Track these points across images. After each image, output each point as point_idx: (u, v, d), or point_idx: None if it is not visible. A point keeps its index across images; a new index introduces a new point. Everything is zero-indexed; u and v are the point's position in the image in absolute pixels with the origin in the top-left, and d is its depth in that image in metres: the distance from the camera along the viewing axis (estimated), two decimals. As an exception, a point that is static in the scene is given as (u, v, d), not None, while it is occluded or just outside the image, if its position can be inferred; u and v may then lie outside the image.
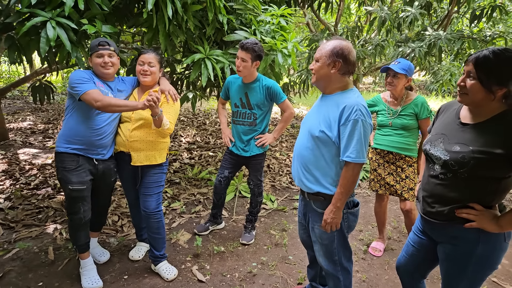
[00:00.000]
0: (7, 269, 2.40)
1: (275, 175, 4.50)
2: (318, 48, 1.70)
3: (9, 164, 4.53)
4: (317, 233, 1.79)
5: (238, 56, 2.48)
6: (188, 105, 9.35)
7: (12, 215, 3.13)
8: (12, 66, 17.38)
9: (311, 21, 7.39)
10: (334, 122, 1.61)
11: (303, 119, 1.85)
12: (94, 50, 2.07)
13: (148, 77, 2.19)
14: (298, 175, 1.78)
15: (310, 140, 1.70)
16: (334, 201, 1.65)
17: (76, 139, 2.08)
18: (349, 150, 1.57)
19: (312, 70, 1.72)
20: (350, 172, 1.60)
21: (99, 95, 1.95)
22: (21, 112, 8.40)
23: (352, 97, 1.62)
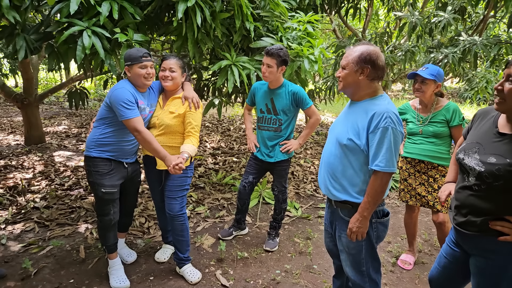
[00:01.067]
0: (41, 265, 2.52)
1: (300, 182, 4.46)
2: (345, 55, 1.65)
3: (45, 165, 4.77)
4: (344, 242, 1.73)
5: (264, 62, 2.50)
6: (213, 111, 9.49)
7: (47, 214, 3.29)
8: (50, 73, 18.40)
9: (338, 27, 7.33)
10: (363, 129, 1.56)
11: (331, 126, 1.80)
12: (137, 61, 2.08)
13: (169, 82, 2.23)
14: (325, 183, 1.74)
15: (338, 148, 1.66)
16: (360, 210, 1.60)
17: (109, 147, 2.17)
18: (378, 159, 1.52)
19: (339, 78, 1.67)
20: (378, 181, 1.55)
21: (141, 126, 2.03)
22: (57, 116, 8.85)
23: (382, 104, 1.57)
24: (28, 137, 5.94)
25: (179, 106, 2.25)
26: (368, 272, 1.73)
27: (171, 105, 2.27)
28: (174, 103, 2.27)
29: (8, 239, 2.87)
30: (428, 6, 6.94)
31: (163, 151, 2.09)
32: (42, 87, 14.13)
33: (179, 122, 2.24)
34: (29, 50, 2.59)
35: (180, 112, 2.23)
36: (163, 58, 2.28)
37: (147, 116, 2.22)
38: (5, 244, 2.80)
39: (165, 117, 2.23)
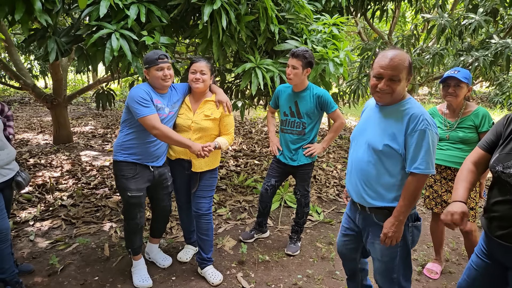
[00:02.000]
0: (68, 262, 2.59)
1: (322, 186, 4.39)
2: (389, 65, 1.49)
3: (72, 164, 4.93)
4: (378, 249, 1.67)
5: (289, 64, 2.47)
6: (235, 113, 9.54)
7: (73, 212, 3.38)
8: (77, 75, 19.08)
9: (363, 29, 7.21)
10: (400, 133, 1.53)
11: (357, 131, 1.75)
12: (153, 64, 2.09)
13: (201, 84, 2.24)
14: (358, 191, 1.68)
15: (372, 154, 1.61)
16: (396, 214, 1.55)
17: (134, 150, 2.19)
18: (418, 162, 1.50)
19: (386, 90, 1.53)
20: (415, 184, 1.52)
21: (158, 123, 2.04)
22: (83, 117, 9.15)
23: (414, 106, 1.54)
24: (57, 136, 6.16)
25: (214, 110, 2.28)
26: (399, 279, 1.69)
27: (204, 108, 2.28)
28: (208, 106, 2.29)
29: (36, 235, 2.97)
30: (458, 8, 6.72)
31: (186, 140, 2.12)
32: (71, 88, 14.67)
33: (215, 125, 2.28)
34: (59, 52, 2.68)
35: (216, 116, 2.27)
36: (192, 60, 2.28)
37: (167, 117, 2.22)
38: (33, 240, 2.89)
39: (201, 121, 2.25)
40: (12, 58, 5.90)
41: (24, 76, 5.57)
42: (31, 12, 2.22)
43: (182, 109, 2.33)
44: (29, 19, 2.28)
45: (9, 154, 2.11)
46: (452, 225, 1.39)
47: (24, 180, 2.19)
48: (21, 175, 2.19)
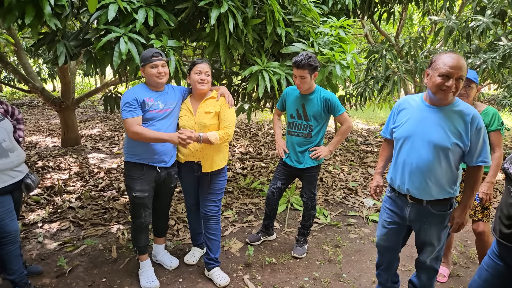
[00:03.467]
0: (76, 263, 2.61)
1: (328, 189, 4.37)
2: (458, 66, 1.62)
3: (80, 167, 4.97)
4: (435, 234, 1.85)
5: (296, 75, 2.47)
6: (242, 116, 9.56)
7: (81, 214, 3.41)
8: (85, 78, 19.29)
9: (370, 32, 7.19)
10: (464, 131, 1.68)
11: (408, 132, 1.81)
12: (148, 61, 2.14)
13: (205, 85, 2.27)
14: (423, 188, 1.79)
15: (438, 152, 1.72)
16: (465, 203, 1.77)
17: (140, 150, 2.22)
18: (483, 155, 1.70)
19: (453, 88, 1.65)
20: (478, 175, 1.74)
21: (134, 126, 2.10)
22: (91, 120, 9.24)
23: (469, 107, 1.71)
24: (65, 139, 6.23)
25: (214, 105, 2.30)
26: (441, 255, 1.95)
27: (205, 106, 2.31)
28: (208, 103, 2.32)
29: (44, 237, 3.00)
30: (465, 10, 6.67)
31: (164, 134, 2.16)
32: (78, 91, 14.82)
33: (216, 120, 2.29)
34: (68, 56, 2.71)
35: (216, 110, 2.28)
36: (194, 62, 2.31)
37: (163, 113, 2.23)
38: (41, 242, 2.92)
39: (203, 118, 2.27)
40: (21, 61, 5.99)
41: (33, 79, 5.65)
42: (40, 16, 2.25)
43: (184, 111, 2.35)
44: (38, 23, 2.31)
45: (18, 156, 2.13)
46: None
47: (33, 182, 2.21)
48: (30, 177, 2.21)
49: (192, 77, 2.28)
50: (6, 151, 2.04)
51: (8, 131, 2.11)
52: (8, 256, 2.11)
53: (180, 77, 2.79)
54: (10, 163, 2.06)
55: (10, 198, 2.11)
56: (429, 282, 2.01)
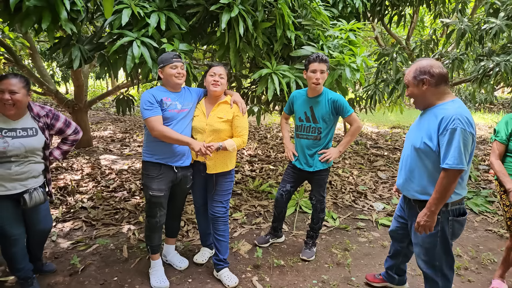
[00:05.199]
0: (88, 262, 2.66)
1: (338, 192, 4.36)
2: (405, 75, 1.89)
3: (92, 168, 5.06)
4: (420, 236, 1.89)
5: (317, 69, 2.48)
6: (251, 118, 9.59)
7: (93, 214, 3.47)
8: (97, 81, 19.61)
9: (380, 35, 7.16)
10: (434, 132, 1.73)
11: (407, 133, 2.00)
12: (168, 62, 2.21)
13: (219, 88, 2.31)
14: (406, 185, 1.93)
15: (414, 152, 1.85)
16: (428, 206, 1.76)
17: (157, 149, 2.26)
18: (448, 158, 1.67)
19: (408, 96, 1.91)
20: (446, 179, 1.69)
21: (157, 124, 2.13)
22: (103, 122, 9.38)
23: (451, 108, 1.71)
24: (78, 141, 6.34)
25: (227, 111, 2.33)
26: (441, 267, 1.87)
27: (218, 110, 2.34)
28: (221, 108, 2.34)
29: (58, 236, 3.07)
30: (478, 12, 6.59)
31: (185, 137, 2.18)
32: (90, 94, 15.07)
33: (227, 126, 2.32)
34: (83, 60, 2.77)
35: (228, 117, 2.32)
36: (211, 65, 2.36)
37: (181, 113, 2.27)
38: (55, 241, 2.99)
39: (214, 123, 2.31)
40: (36, 64, 6.14)
41: (47, 82, 5.78)
42: (56, 21, 2.31)
43: (197, 111, 2.39)
44: (54, 28, 2.38)
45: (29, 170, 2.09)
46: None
47: (31, 199, 2.09)
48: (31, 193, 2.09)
49: (207, 79, 2.33)
50: (11, 164, 2.01)
51: (26, 149, 2.05)
52: (11, 255, 2.16)
53: (190, 80, 2.84)
54: (9, 175, 2.01)
55: (9, 206, 2.07)
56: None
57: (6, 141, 1.98)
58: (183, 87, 2.42)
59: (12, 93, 1.95)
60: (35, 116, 2.15)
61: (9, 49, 5.00)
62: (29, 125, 2.10)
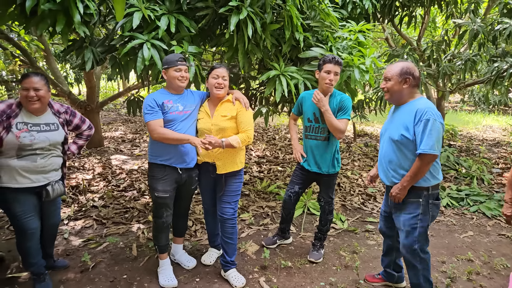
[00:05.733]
0: (98, 260, 2.72)
1: (346, 194, 4.34)
2: (387, 70, 2.09)
3: (103, 167, 5.15)
4: (401, 220, 2.11)
5: (331, 71, 2.48)
6: (259, 120, 9.60)
7: (104, 213, 3.54)
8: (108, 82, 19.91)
9: (391, 35, 7.10)
10: (410, 123, 1.97)
11: (382, 130, 2.25)
12: (173, 65, 2.23)
13: (222, 90, 2.33)
14: (387, 175, 2.15)
15: (392, 144, 2.07)
16: (402, 181, 2.02)
17: (161, 152, 2.30)
18: (422, 144, 1.90)
19: (385, 88, 2.11)
20: (420, 163, 1.93)
21: (156, 127, 2.19)
22: (114, 122, 9.52)
23: (422, 103, 1.99)
24: (89, 140, 6.46)
25: (230, 108, 2.35)
26: (419, 252, 2.08)
27: (221, 109, 2.37)
28: (224, 107, 2.37)
29: (70, 234, 3.13)
30: (492, 12, 6.48)
31: (184, 135, 2.22)
32: (102, 95, 15.31)
33: (232, 123, 2.34)
34: (95, 61, 2.83)
35: (232, 114, 2.33)
36: (213, 67, 2.37)
37: (183, 115, 2.30)
38: (67, 238, 3.06)
39: (219, 121, 2.33)
40: (50, 66, 6.27)
41: (61, 83, 5.90)
42: (70, 24, 2.38)
43: (202, 114, 2.42)
44: (68, 31, 2.44)
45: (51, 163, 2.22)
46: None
47: (54, 190, 2.22)
48: (53, 185, 2.23)
49: (210, 81, 2.34)
50: (37, 157, 2.14)
51: (50, 142, 2.18)
52: (27, 250, 2.23)
53: (199, 81, 2.87)
54: (35, 168, 2.13)
55: (32, 199, 2.18)
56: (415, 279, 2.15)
57: (33, 135, 2.12)
58: (186, 89, 2.45)
59: (36, 90, 2.09)
60: (55, 113, 2.29)
61: (25, 51, 5.13)
62: (51, 120, 2.25)
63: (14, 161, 2.09)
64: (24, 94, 2.07)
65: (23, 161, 2.10)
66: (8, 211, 2.16)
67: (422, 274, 2.12)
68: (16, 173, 2.10)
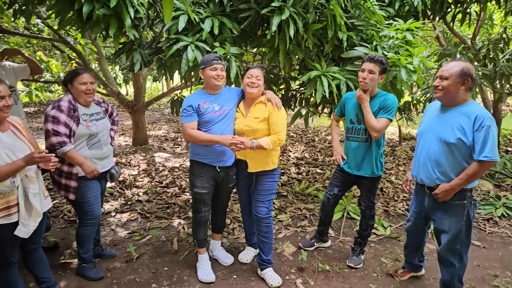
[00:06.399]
0: (142, 251, 2.85)
1: (389, 200, 4.17)
2: (445, 68, 1.99)
3: (147, 164, 5.39)
4: (447, 223, 2.09)
5: (365, 69, 2.40)
6: (298, 121, 9.52)
7: (148, 207, 3.71)
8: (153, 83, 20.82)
9: (442, 34, 6.71)
10: (468, 129, 1.93)
11: (424, 129, 2.17)
12: (208, 64, 2.29)
13: (255, 89, 2.33)
14: (430, 175, 2.09)
15: (444, 146, 2.01)
16: (453, 184, 1.98)
17: (200, 150, 2.38)
18: (486, 151, 1.87)
19: (439, 86, 2.01)
20: (480, 168, 1.91)
21: (188, 130, 2.29)
22: (158, 122, 9.94)
23: (479, 108, 1.95)
24: (135, 139, 6.80)
25: (263, 110, 2.35)
26: (461, 251, 2.10)
27: (254, 111, 2.37)
28: (257, 108, 2.37)
29: (116, 225, 3.32)
30: (558, 6, 5.88)
31: (214, 136, 2.27)
32: (147, 95, 16.05)
33: (265, 126, 2.34)
34: (143, 63, 2.98)
35: (264, 116, 2.33)
36: (248, 68, 2.40)
37: (220, 115, 2.34)
38: (114, 229, 3.24)
39: (252, 123, 2.35)
40: (101, 68, 6.70)
41: (111, 84, 6.28)
42: (121, 28, 2.52)
43: (237, 114, 2.44)
44: (120, 34, 2.59)
45: (109, 150, 2.47)
46: None
47: (117, 173, 2.53)
48: (115, 168, 2.53)
49: (244, 81, 2.37)
50: (102, 144, 2.38)
51: (107, 128, 2.46)
52: (88, 237, 2.42)
53: (239, 82, 2.91)
54: (102, 155, 2.39)
55: (99, 185, 2.43)
56: (449, 278, 2.16)
57: (95, 123, 2.34)
58: (224, 87, 2.48)
59: (92, 84, 2.33)
60: (97, 103, 2.50)
61: (80, 54, 5.53)
62: (98, 110, 2.46)
63: (86, 151, 2.30)
64: (82, 88, 2.27)
65: (93, 150, 2.33)
66: (81, 198, 2.32)
67: (458, 273, 2.14)
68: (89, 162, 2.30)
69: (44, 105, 12.66)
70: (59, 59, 7.59)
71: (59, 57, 7.71)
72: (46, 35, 5.69)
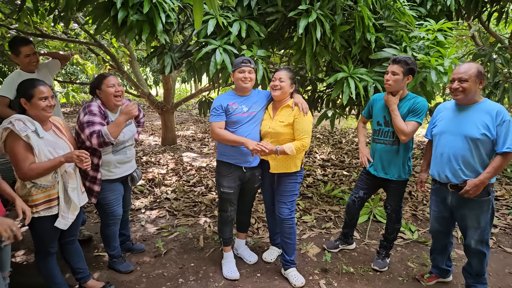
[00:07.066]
0: (170, 247, 2.96)
1: (418, 203, 4.06)
2: (462, 71, 2.08)
3: (176, 164, 5.56)
4: (475, 218, 2.17)
5: (388, 70, 2.40)
6: (325, 122, 9.44)
7: (175, 205, 3.83)
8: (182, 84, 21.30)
9: (478, 33, 6.44)
10: (491, 124, 2.04)
11: (443, 128, 2.22)
12: (237, 67, 2.36)
13: (278, 91, 2.35)
14: (456, 173, 2.15)
15: (469, 143, 2.10)
16: (482, 178, 2.05)
17: (227, 151, 2.44)
18: (508, 143, 1.99)
19: (460, 88, 2.10)
20: (504, 160, 2.02)
21: (215, 129, 2.35)
22: (186, 122, 10.18)
23: (496, 104, 2.09)
24: (164, 138, 7.01)
25: (289, 115, 2.36)
26: (487, 240, 2.22)
27: (280, 114, 2.39)
28: (283, 112, 2.39)
29: (146, 221, 3.46)
30: None
31: (240, 138, 2.31)
32: (176, 96, 16.44)
33: (289, 130, 2.35)
34: (173, 66, 3.09)
35: (289, 121, 2.34)
36: (275, 70, 2.44)
37: (247, 116, 2.39)
38: (144, 225, 3.38)
39: (276, 126, 2.37)
40: (133, 70, 6.96)
41: (142, 85, 6.52)
42: (153, 32, 2.64)
43: (265, 115, 2.48)
44: (152, 38, 2.71)
45: (132, 153, 2.57)
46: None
47: (138, 176, 2.61)
48: (136, 171, 2.61)
49: (270, 84, 2.42)
50: (126, 150, 2.47)
51: (133, 134, 2.51)
52: (112, 236, 2.53)
53: (266, 83, 2.95)
54: (127, 159, 2.48)
55: (121, 187, 2.52)
56: (480, 266, 2.26)
57: (122, 131, 2.38)
58: (254, 89, 2.52)
59: (119, 85, 2.34)
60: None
61: (113, 57, 5.79)
62: None
63: (111, 156, 2.39)
64: (111, 90, 2.27)
65: (118, 155, 2.42)
66: (103, 200, 2.42)
67: (486, 260, 2.25)
68: (113, 166, 2.40)
69: (79, 105, 13.31)
70: (94, 62, 7.98)
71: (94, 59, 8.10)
72: (82, 39, 6.00)
